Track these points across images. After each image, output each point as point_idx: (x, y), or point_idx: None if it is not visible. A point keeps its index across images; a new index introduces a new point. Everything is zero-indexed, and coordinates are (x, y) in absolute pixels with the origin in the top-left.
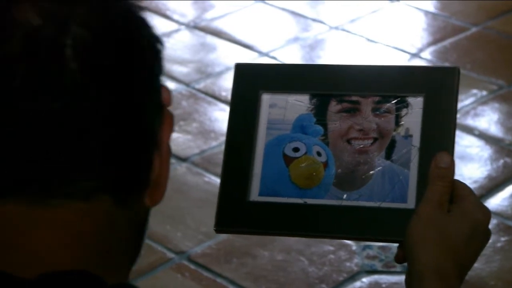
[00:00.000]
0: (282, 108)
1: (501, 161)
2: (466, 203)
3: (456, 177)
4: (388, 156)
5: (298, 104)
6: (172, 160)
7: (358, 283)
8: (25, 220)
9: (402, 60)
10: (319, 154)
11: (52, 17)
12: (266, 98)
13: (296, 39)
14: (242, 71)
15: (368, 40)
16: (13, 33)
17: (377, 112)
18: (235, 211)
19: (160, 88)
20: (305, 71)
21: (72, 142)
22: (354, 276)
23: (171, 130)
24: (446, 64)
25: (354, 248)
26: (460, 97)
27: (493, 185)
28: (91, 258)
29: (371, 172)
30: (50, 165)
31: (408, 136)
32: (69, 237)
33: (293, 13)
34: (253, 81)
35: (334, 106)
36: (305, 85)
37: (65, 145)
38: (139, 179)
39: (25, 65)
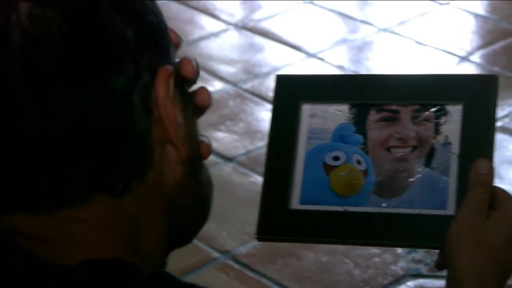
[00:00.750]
0: (322, 118)
1: None
2: (505, 208)
3: (504, 181)
4: (427, 164)
5: (338, 113)
6: (218, 160)
7: (403, 287)
8: (32, 228)
9: (450, 63)
10: (359, 162)
11: None
12: (306, 108)
13: (344, 41)
14: (283, 82)
15: (417, 42)
16: None
17: (416, 121)
18: (276, 219)
19: (144, 57)
20: (344, 82)
21: (43, 152)
22: (399, 280)
23: (166, 85)
24: (496, 68)
25: (399, 251)
26: (508, 101)
27: None
28: (120, 250)
29: (411, 179)
30: (27, 179)
31: (447, 143)
32: (89, 237)
33: (342, 14)
34: (294, 92)
35: (373, 115)
36: (344, 95)
37: (38, 156)
38: (130, 167)
39: None
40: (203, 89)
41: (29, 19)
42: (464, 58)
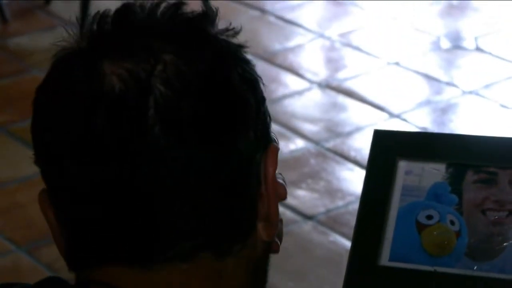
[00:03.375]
0: (417, 176)
1: None
2: None
3: None
4: None
5: (434, 172)
6: (298, 218)
7: None
8: (128, 282)
9: None
10: (452, 223)
11: (134, 79)
12: (403, 165)
13: (428, 102)
14: (380, 137)
15: (502, 106)
16: (97, 105)
17: None
18: (364, 274)
19: (259, 127)
20: (442, 140)
21: (165, 206)
22: None
23: (275, 163)
24: None
25: None
26: None
27: None
28: None
29: (505, 244)
30: (145, 231)
31: None
32: None
33: (426, 76)
34: (391, 148)
35: (470, 176)
36: (442, 154)
37: (159, 209)
38: (238, 230)
39: (110, 136)
40: None
41: (173, 71)
42: None
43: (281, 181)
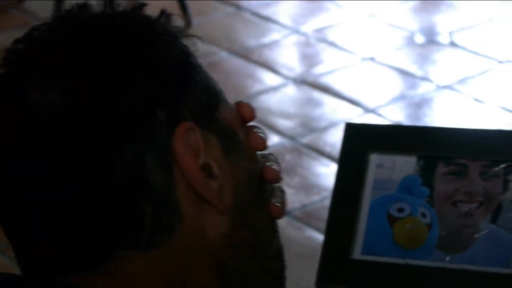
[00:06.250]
0: (389, 169)
1: None
2: None
3: None
4: (493, 220)
5: (406, 165)
6: None
7: None
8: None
9: (510, 121)
10: (423, 215)
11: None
12: (374, 158)
13: (402, 97)
14: (352, 130)
15: (476, 100)
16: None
17: (485, 176)
18: (337, 268)
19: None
20: (414, 133)
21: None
22: None
23: (183, 139)
24: None
25: None
26: None
27: None
28: None
29: (476, 235)
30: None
31: None
32: None
33: (401, 71)
34: (362, 141)
35: (441, 169)
36: (413, 146)
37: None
38: (151, 222)
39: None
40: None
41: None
42: None
43: (261, 134)
